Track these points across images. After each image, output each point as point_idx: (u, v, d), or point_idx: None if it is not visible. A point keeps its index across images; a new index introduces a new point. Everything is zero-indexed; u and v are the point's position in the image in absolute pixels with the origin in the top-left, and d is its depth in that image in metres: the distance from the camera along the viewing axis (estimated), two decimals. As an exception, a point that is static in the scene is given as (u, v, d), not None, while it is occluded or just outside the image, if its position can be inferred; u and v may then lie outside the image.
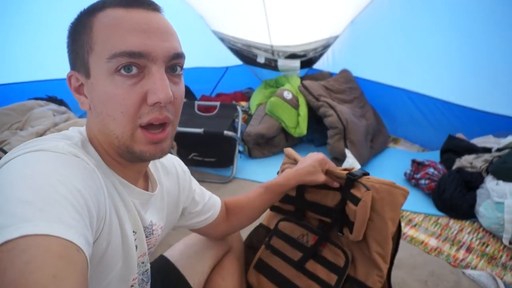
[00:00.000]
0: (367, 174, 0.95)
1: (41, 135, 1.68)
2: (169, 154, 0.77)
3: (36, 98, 2.12)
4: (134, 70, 0.51)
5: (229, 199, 1.01)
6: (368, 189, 0.89)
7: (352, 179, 0.92)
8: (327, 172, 0.99)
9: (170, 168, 0.78)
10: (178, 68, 0.56)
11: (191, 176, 0.87)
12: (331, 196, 1.00)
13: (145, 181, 0.69)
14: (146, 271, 0.70)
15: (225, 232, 1.00)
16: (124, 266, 0.58)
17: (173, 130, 0.58)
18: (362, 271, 0.94)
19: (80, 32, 0.53)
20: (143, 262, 0.67)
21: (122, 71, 0.50)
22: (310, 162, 0.98)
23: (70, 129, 0.59)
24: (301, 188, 1.05)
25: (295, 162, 1.07)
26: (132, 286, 0.63)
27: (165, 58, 0.53)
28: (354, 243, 0.95)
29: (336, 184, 0.98)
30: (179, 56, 0.55)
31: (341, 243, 0.99)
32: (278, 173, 1.11)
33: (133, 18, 0.51)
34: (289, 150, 1.14)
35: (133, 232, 0.61)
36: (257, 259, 1.10)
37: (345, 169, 1.00)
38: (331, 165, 1.00)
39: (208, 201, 0.91)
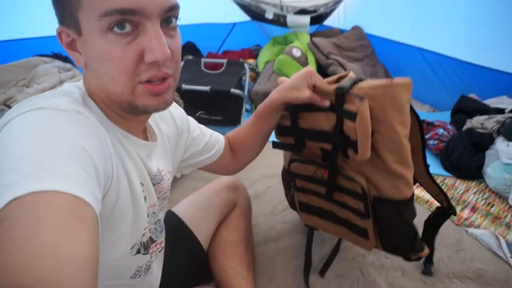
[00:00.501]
0: (358, 81, 0.82)
1: (47, 91, 1.67)
2: None
3: (41, 55, 2.09)
4: (128, 27, 0.48)
5: (231, 134, 0.99)
6: (362, 99, 0.76)
7: (342, 94, 0.80)
8: (315, 89, 0.87)
9: (165, 115, 0.77)
10: (173, 20, 0.53)
11: (188, 117, 0.86)
12: (325, 118, 0.89)
13: (144, 132, 0.69)
14: (158, 221, 0.72)
15: (235, 167, 1.00)
16: (135, 216, 0.60)
17: (175, 82, 0.57)
18: (387, 187, 0.84)
19: None
20: (153, 213, 0.69)
21: (116, 29, 0.48)
22: (295, 77, 0.88)
23: (66, 84, 0.57)
24: (294, 115, 0.95)
25: None
26: (143, 234, 0.64)
27: (160, 12, 0.49)
28: (366, 162, 0.84)
29: (325, 104, 0.85)
30: (174, 7, 0.51)
31: (351, 168, 0.91)
32: None
33: None
34: (282, 78, 1.01)
35: (141, 184, 0.62)
36: (298, 203, 1.07)
37: (338, 79, 0.89)
38: (318, 79, 0.87)
39: (210, 139, 0.90)
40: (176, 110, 0.81)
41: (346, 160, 0.89)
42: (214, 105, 2.18)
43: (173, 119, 0.79)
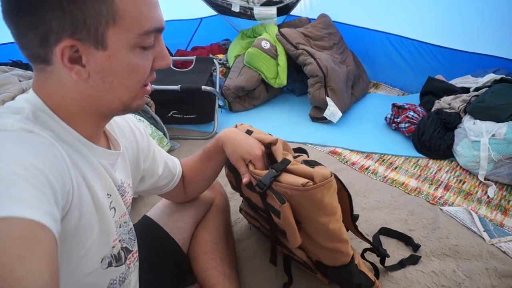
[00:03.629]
0: (278, 174, 0.80)
1: (8, 101, 1.59)
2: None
3: (-1, 63, 1.99)
4: (152, 41, 0.54)
5: (182, 161, 1.00)
6: (282, 203, 0.77)
7: (263, 190, 0.80)
8: (249, 169, 0.86)
9: (124, 127, 0.76)
10: None
11: (150, 137, 0.85)
12: (256, 198, 0.90)
13: (106, 141, 0.67)
14: (130, 230, 0.70)
15: (184, 197, 1.01)
16: (102, 230, 0.58)
17: None
18: (325, 257, 0.89)
19: (92, 1, 0.47)
20: (125, 222, 0.67)
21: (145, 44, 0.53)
22: (241, 144, 0.88)
23: (17, 98, 0.54)
24: (237, 180, 0.97)
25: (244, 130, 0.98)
26: (113, 247, 0.62)
27: None
28: (303, 238, 0.84)
29: (245, 180, 0.86)
30: None
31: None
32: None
33: None
34: (242, 127, 1.01)
35: (108, 195, 0.60)
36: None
37: (269, 144, 0.90)
38: (257, 163, 0.86)
39: (168, 164, 0.90)
40: (137, 125, 0.80)
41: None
42: (186, 104, 2.14)
43: (133, 133, 0.77)
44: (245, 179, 0.86)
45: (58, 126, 0.52)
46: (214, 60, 2.37)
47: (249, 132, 0.96)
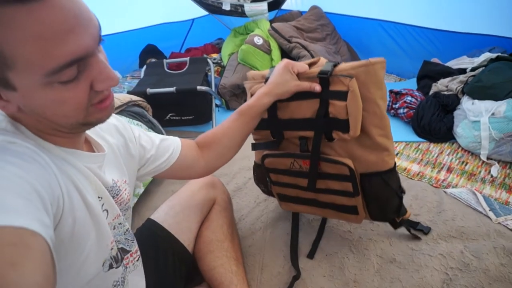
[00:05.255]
0: (336, 64, 0.86)
1: None
2: None
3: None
4: (75, 72, 0.46)
5: (203, 134, 0.95)
6: (351, 77, 0.81)
7: (326, 77, 0.84)
8: (299, 77, 0.89)
9: (105, 125, 0.73)
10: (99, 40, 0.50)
11: (131, 125, 0.83)
12: (306, 104, 0.90)
13: (89, 146, 0.66)
14: (127, 230, 0.70)
15: (205, 168, 0.94)
16: (98, 233, 0.58)
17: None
18: (373, 161, 0.89)
19: None
20: (120, 223, 0.67)
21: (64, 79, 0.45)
22: (277, 73, 0.89)
23: None
24: (272, 108, 0.94)
25: (263, 80, 0.97)
26: (111, 249, 0.62)
27: (97, 44, 0.48)
28: (352, 142, 0.88)
29: (317, 88, 0.86)
30: (100, 29, 0.49)
31: (334, 152, 0.93)
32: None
33: (46, 19, 0.41)
34: (252, 73, 1.04)
35: (99, 197, 0.59)
36: (276, 194, 1.09)
37: (310, 63, 0.92)
38: (299, 66, 0.89)
39: (161, 143, 0.85)
40: (116, 120, 0.78)
41: (329, 144, 0.92)
42: (183, 106, 2.14)
43: (116, 128, 0.76)
44: (317, 87, 0.86)
45: (35, 137, 0.52)
46: (208, 60, 2.37)
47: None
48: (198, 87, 2.00)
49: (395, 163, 0.91)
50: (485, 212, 1.23)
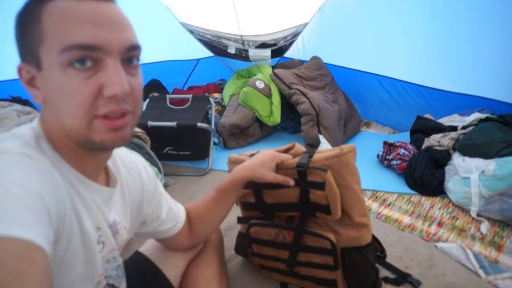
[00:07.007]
0: (311, 154, 0.96)
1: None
2: (133, 155, 0.76)
3: (-2, 99, 2.02)
4: (89, 63, 0.49)
5: (187, 206, 0.98)
6: (325, 170, 0.91)
7: (303, 169, 0.94)
8: (278, 168, 0.98)
9: (131, 167, 0.75)
10: (135, 60, 0.55)
11: (157, 180, 0.85)
12: (288, 192, 1.00)
13: (107, 178, 0.67)
14: (118, 266, 0.69)
15: (190, 243, 0.97)
16: (87, 264, 0.57)
17: (134, 119, 0.57)
18: (353, 237, 0.97)
19: (27, 24, 0.50)
20: (114, 258, 0.66)
21: (76, 65, 0.49)
22: (258, 158, 0.97)
23: (22, 126, 0.56)
24: (258, 193, 1.05)
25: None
26: (99, 282, 0.61)
27: (120, 50, 0.51)
28: (334, 219, 0.97)
29: (291, 183, 0.95)
30: (135, 47, 0.54)
31: (317, 227, 1.01)
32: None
33: (84, 9, 0.49)
34: (233, 157, 1.14)
35: (97, 228, 0.60)
36: (257, 264, 1.16)
37: (286, 149, 1.03)
38: (284, 158, 0.99)
39: (173, 208, 0.89)
40: (146, 167, 0.80)
41: (313, 220, 1.02)
42: (182, 141, 2.17)
43: (140, 174, 0.77)
44: (291, 182, 0.94)
45: (55, 154, 0.54)
46: (210, 99, 2.44)
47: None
48: (199, 124, 2.05)
49: (372, 236, 1.02)
50: (475, 269, 1.23)
